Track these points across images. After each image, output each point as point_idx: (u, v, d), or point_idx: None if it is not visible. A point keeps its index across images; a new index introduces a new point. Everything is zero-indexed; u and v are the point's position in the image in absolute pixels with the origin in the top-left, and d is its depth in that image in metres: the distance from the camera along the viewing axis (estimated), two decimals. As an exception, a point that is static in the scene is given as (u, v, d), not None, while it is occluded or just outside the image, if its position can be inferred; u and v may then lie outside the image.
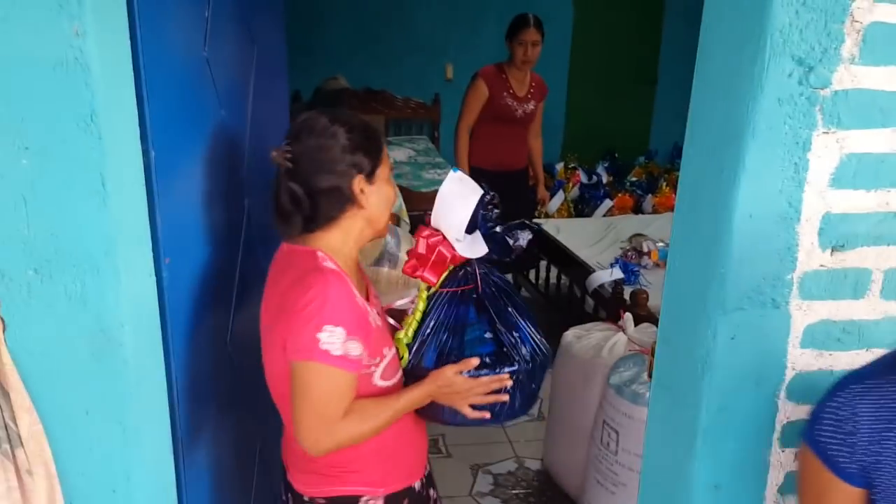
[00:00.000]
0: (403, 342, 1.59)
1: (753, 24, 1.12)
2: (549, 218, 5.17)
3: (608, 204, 5.56)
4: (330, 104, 4.89)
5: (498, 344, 1.58)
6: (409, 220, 3.22)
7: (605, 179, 6.17)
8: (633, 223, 4.86)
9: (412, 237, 1.78)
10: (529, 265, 4.49)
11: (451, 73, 6.34)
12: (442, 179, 1.66)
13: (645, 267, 4.11)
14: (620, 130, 6.89)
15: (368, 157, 1.47)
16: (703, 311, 1.25)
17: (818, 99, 1.15)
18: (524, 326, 1.62)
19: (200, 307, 1.58)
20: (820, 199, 1.20)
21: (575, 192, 5.90)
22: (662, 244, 4.19)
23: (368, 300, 1.54)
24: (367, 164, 1.47)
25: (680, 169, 1.34)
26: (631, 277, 3.84)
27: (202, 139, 1.59)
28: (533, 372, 1.61)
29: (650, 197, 5.73)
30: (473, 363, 1.53)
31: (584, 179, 6.06)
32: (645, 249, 4.24)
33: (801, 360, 1.28)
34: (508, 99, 3.92)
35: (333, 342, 1.36)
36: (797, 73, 1.13)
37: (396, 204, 3.59)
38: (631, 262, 4.09)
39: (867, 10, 1.12)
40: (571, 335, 2.94)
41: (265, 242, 1.96)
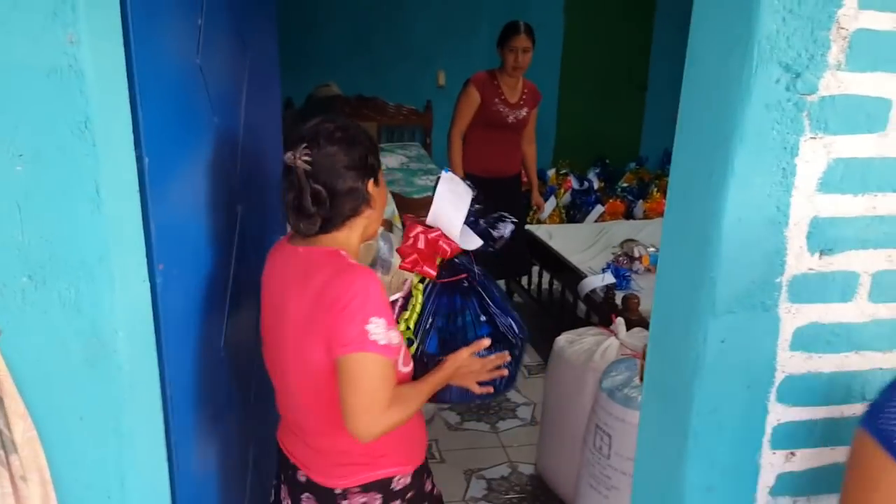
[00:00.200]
0: (405, 332, 1.68)
1: (741, 31, 1.13)
2: (540, 224, 5.19)
3: (599, 209, 5.59)
4: (322, 111, 4.89)
5: (492, 325, 1.71)
6: (402, 226, 3.22)
7: (596, 185, 6.20)
8: (624, 228, 4.88)
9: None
10: (522, 271, 4.50)
11: (442, 79, 6.36)
12: (434, 186, 1.73)
13: (636, 272, 4.14)
14: (611, 137, 6.93)
15: (377, 159, 1.59)
16: (693, 314, 1.26)
17: (805, 105, 1.16)
18: (508, 309, 1.77)
19: (194, 313, 1.59)
20: (808, 203, 1.21)
21: (566, 197, 5.92)
22: (653, 249, 4.21)
23: None
24: (376, 166, 1.59)
25: (670, 174, 1.35)
26: (622, 282, 3.87)
27: (195, 146, 1.59)
28: (523, 348, 1.79)
29: (641, 202, 5.76)
30: (485, 344, 1.67)
31: (575, 185, 6.08)
32: (636, 254, 4.26)
33: (790, 362, 1.28)
34: (500, 105, 3.94)
35: (379, 333, 1.44)
36: (784, 79, 1.14)
37: (389, 210, 3.60)
38: (622, 267, 4.11)
39: (853, 17, 1.13)
40: (564, 340, 2.95)
41: (258, 248, 1.97)
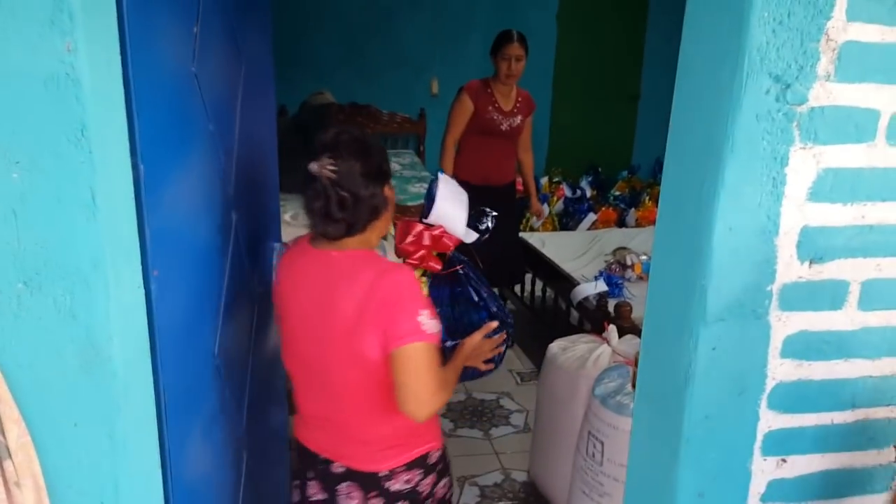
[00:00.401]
0: None
1: (731, 42, 1.14)
2: (533, 231, 5.21)
3: (592, 218, 5.61)
4: (316, 118, 4.91)
5: (485, 309, 1.91)
6: (394, 232, 3.23)
7: (588, 193, 6.22)
8: (616, 237, 4.90)
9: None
10: (516, 279, 4.51)
11: (436, 88, 6.38)
12: (428, 190, 1.82)
13: (628, 280, 4.15)
14: (604, 145, 6.96)
15: (389, 165, 1.72)
16: (685, 322, 1.27)
17: (795, 115, 1.17)
18: (494, 294, 1.97)
19: (188, 319, 1.59)
20: (798, 212, 1.22)
21: (559, 205, 5.94)
22: (645, 257, 4.23)
23: None
24: (389, 171, 1.72)
25: (661, 183, 1.36)
26: (615, 290, 3.88)
27: (191, 153, 1.60)
28: (512, 326, 2.02)
29: (633, 211, 5.79)
30: (493, 326, 1.87)
31: (568, 193, 6.10)
32: (628, 262, 4.28)
33: (780, 370, 1.30)
34: (494, 113, 3.96)
35: (428, 323, 1.60)
36: (774, 90, 1.15)
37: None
38: (615, 274, 4.12)
39: (841, 29, 1.14)
40: (556, 347, 2.96)
41: (252, 255, 1.97)
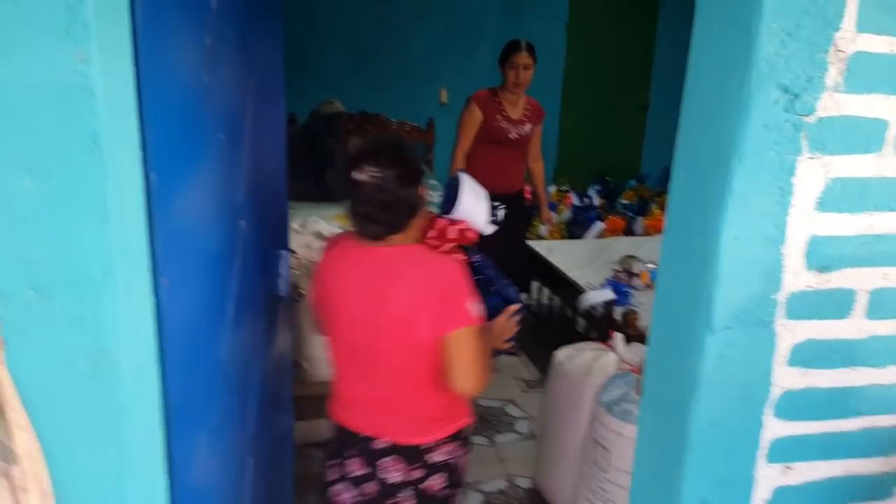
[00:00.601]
0: None
1: (740, 52, 1.15)
2: (541, 239, 5.21)
3: (600, 226, 5.60)
4: (326, 127, 4.93)
5: (499, 295, 2.04)
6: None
7: (596, 202, 6.22)
8: (624, 245, 4.90)
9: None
10: (522, 286, 4.51)
11: (445, 97, 6.40)
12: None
13: (635, 288, 4.14)
14: (612, 154, 6.96)
15: (420, 167, 1.85)
16: (691, 330, 1.27)
17: (803, 125, 1.17)
18: (506, 280, 2.11)
19: (197, 327, 1.60)
20: (805, 221, 1.22)
21: (567, 214, 5.94)
22: (653, 265, 4.23)
23: None
24: (422, 173, 1.84)
25: (669, 192, 1.36)
26: (622, 298, 3.88)
27: (201, 162, 1.61)
28: (525, 309, 2.13)
29: (641, 219, 5.78)
30: (515, 308, 2.01)
31: (576, 202, 6.11)
32: (635, 271, 4.27)
33: (787, 378, 1.30)
34: (502, 122, 3.97)
35: (474, 308, 1.77)
36: (783, 100, 1.16)
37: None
38: (622, 283, 4.12)
39: (850, 39, 1.15)
40: (563, 355, 2.96)
41: (260, 263, 1.98)
